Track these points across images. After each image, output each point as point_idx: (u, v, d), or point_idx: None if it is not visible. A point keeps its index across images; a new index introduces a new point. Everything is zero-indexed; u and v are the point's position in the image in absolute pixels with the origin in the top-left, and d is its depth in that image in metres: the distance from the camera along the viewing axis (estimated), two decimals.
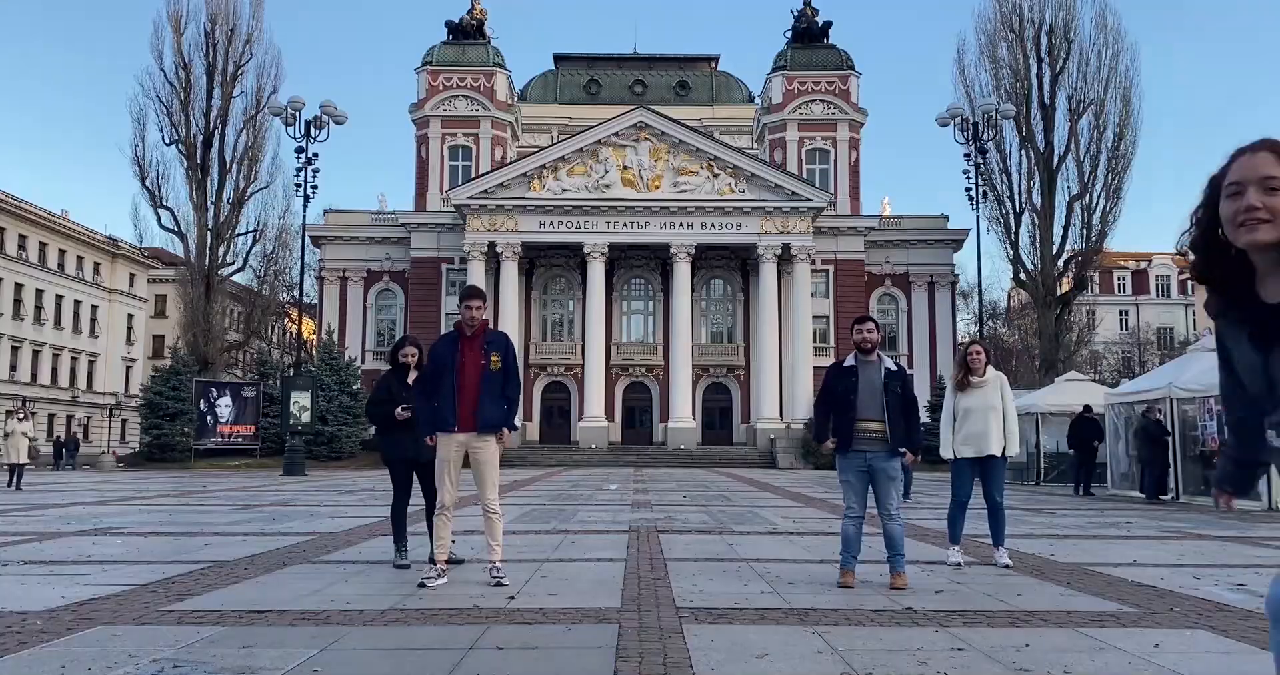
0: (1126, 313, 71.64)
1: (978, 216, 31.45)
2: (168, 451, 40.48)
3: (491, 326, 6.67)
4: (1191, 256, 2.09)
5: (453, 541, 7.33)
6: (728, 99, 67.23)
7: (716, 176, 48.94)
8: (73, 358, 59.32)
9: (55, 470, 38.99)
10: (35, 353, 55.45)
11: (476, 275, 47.12)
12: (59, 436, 49.83)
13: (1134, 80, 40.00)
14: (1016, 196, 39.96)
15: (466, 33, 56.05)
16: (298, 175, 31.23)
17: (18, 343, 53.77)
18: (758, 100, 61.23)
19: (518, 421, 48.26)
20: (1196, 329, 57.05)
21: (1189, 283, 69.24)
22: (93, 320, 61.41)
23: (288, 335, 63.92)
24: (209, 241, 43.71)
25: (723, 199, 48.28)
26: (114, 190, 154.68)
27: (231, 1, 44.81)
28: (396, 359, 7.37)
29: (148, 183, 44.15)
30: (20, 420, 20.17)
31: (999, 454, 7.32)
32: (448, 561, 6.55)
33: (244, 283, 52.26)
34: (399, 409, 7.06)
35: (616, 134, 49.18)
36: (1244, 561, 7.90)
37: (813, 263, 48.47)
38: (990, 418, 7.21)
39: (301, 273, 35.69)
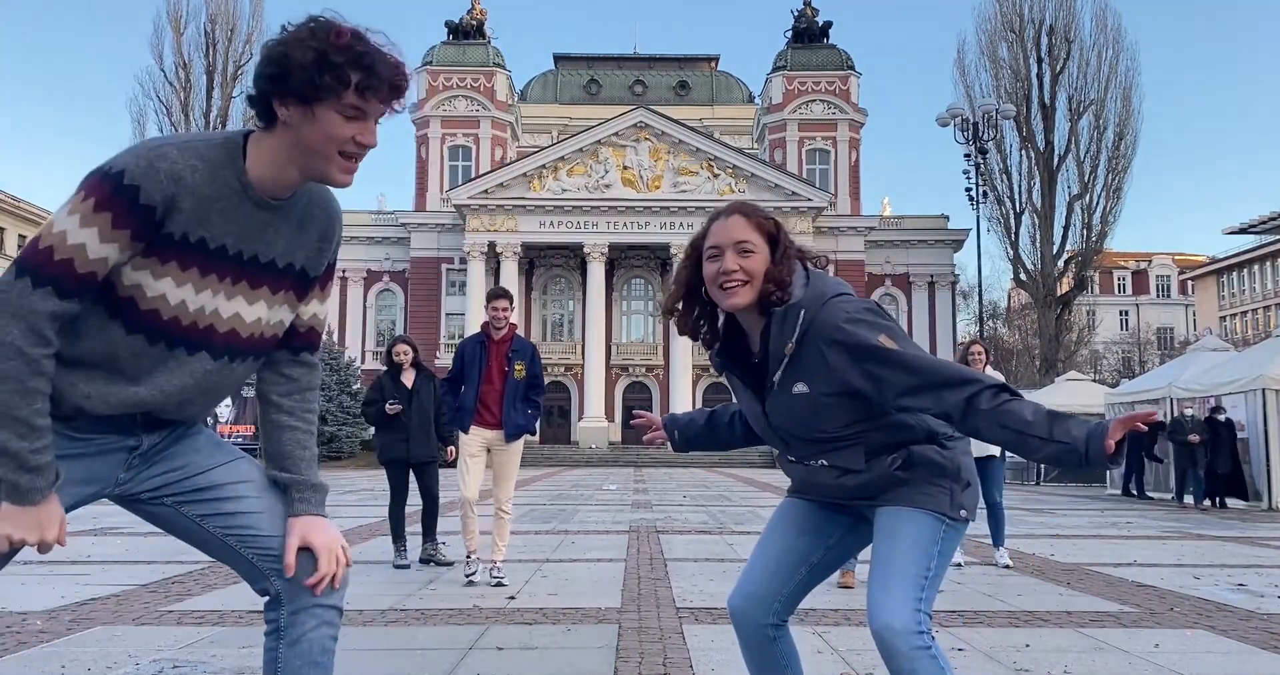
0: (1126, 313, 71.64)
1: (978, 216, 31.41)
2: None
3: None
4: (672, 317, 2.23)
5: (444, 543, 7.35)
6: (728, 99, 67.24)
7: (716, 176, 48.96)
8: None
9: None
10: None
11: (476, 275, 47.15)
12: None
13: (1134, 80, 40.08)
14: (1016, 196, 39.99)
15: (466, 33, 56.06)
16: None
17: None
18: (758, 100, 61.26)
19: None
20: (1196, 329, 57.09)
21: (1189, 283, 69.28)
22: None
23: None
24: None
25: (723, 199, 48.09)
26: None
27: (231, 1, 44.86)
28: (391, 358, 7.41)
29: None
30: None
31: (998, 454, 7.32)
32: (436, 563, 6.57)
33: None
34: (388, 404, 7.08)
35: (616, 134, 49.20)
36: (1244, 561, 7.90)
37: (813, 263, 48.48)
38: None
39: None
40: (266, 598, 1.87)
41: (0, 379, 1.57)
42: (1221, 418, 15.60)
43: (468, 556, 6.29)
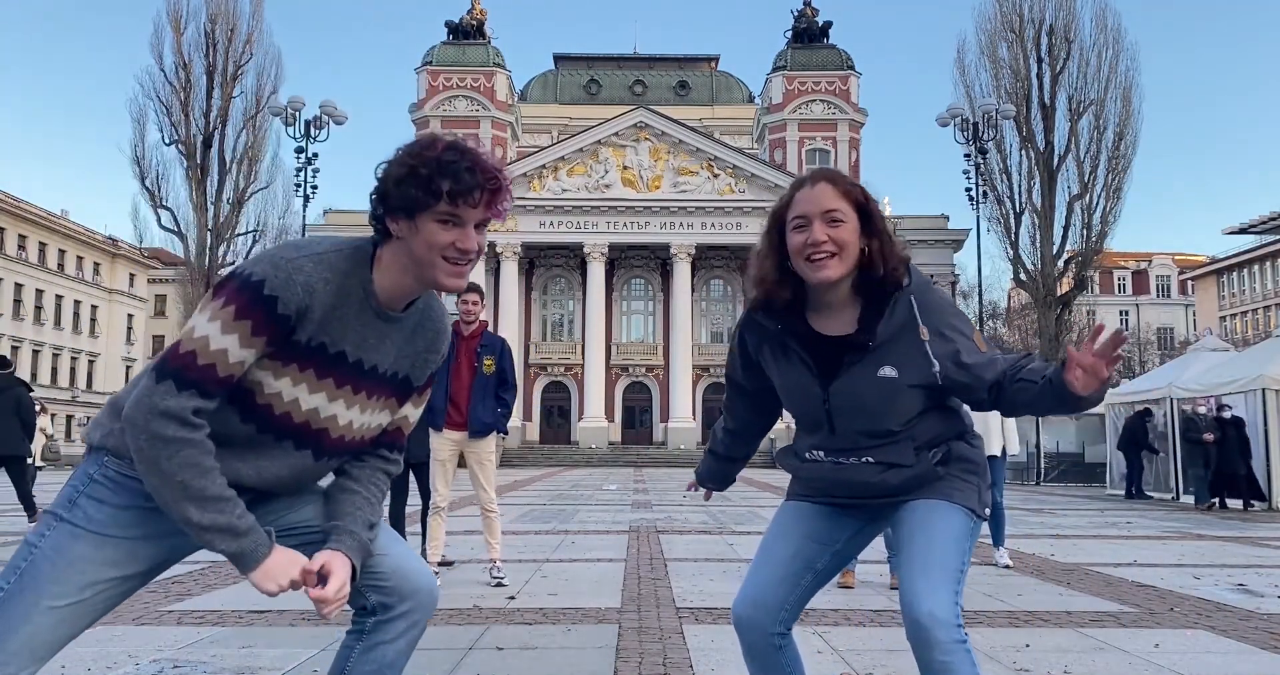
0: (1126, 313, 71.61)
1: (978, 216, 31.44)
2: None
3: (491, 327, 6.64)
4: (755, 288, 2.15)
5: (445, 543, 7.32)
6: (728, 99, 67.25)
7: (716, 176, 48.94)
8: (73, 358, 59.31)
9: None
10: (35, 352, 55.45)
11: (476, 275, 47.06)
12: None
13: (1134, 80, 39.93)
14: (1016, 196, 39.85)
15: (466, 33, 56.08)
16: (298, 175, 31.17)
17: (18, 343, 53.76)
18: (758, 100, 61.27)
19: (518, 422, 48.47)
20: (1196, 329, 57.08)
21: (1189, 283, 69.27)
22: (93, 320, 61.40)
23: None
24: (209, 241, 43.60)
25: (723, 199, 48.28)
26: (114, 190, 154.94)
27: (231, 1, 44.75)
28: None
29: (147, 183, 44.01)
30: (36, 413, 19.91)
31: (999, 454, 7.32)
32: (440, 563, 6.54)
33: None
34: None
35: (616, 134, 49.22)
36: (1244, 561, 7.90)
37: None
38: (990, 418, 7.21)
39: None
40: (360, 608, 1.98)
41: (182, 468, 1.69)
42: (1227, 415, 15.08)
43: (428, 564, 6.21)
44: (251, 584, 1.75)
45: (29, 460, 11.44)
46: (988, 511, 2.12)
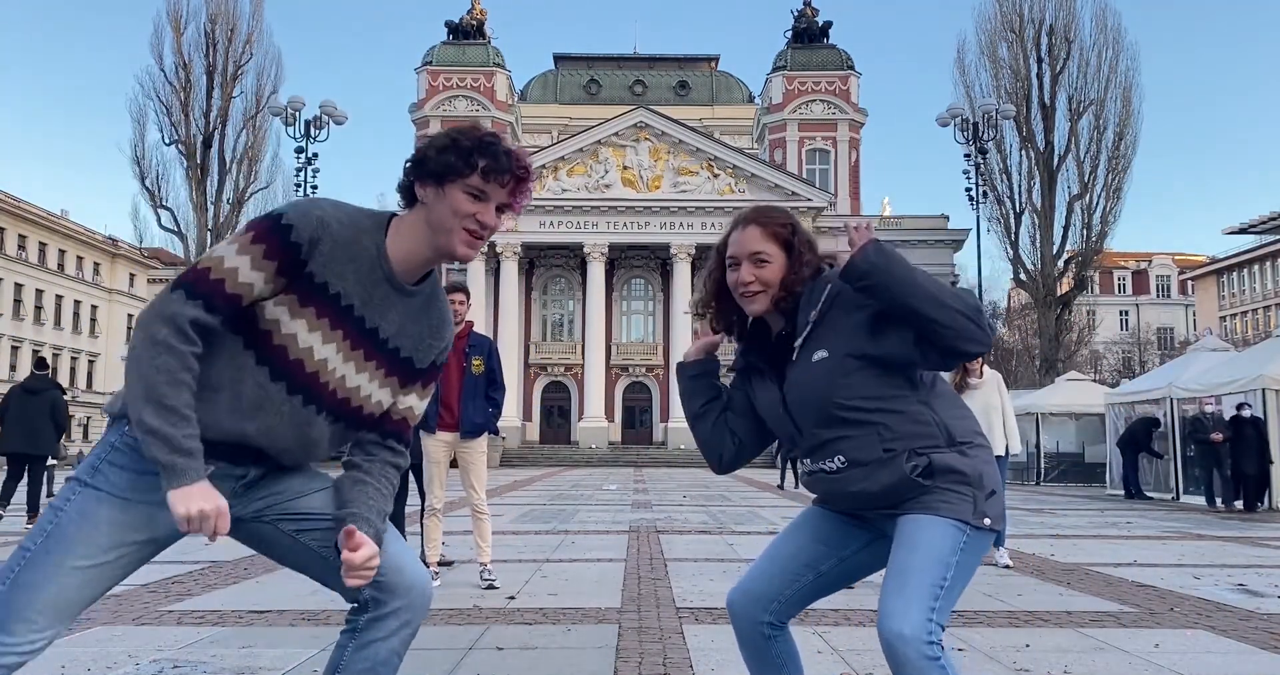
0: (1126, 313, 71.63)
1: (978, 216, 31.41)
2: None
3: (491, 327, 6.63)
4: (696, 314, 2.32)
5: (445, 543, 7.33)
6: (728, 99, 67.24)
7: (716, 176, 48.93)
8: (73, 358, 59.30)
9: None
10: (35, 352, 55.46)
11: (476, 275, 47.13)
12: None
13: (1134, 80, 39.92)
14: (1016, 196, 39.86)
15: (466, 33, 56.08)
16: (298, 175, 31.14)
17: (18, 343, 53.79)
18: (758, 100, 61.27)
19: (518, 422, 48.47)
20: (1196, 329, 57.07)
21: (1189, 283, 69.27)
22: (93, 320, 61.40)
23: None
24: (209, 242, 43.59)
25: (723, 199, 48.26)
26: (114, 190, 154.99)
27: (231, 1, 44.75)
28: None
29: (147, 183, 44.04)
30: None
31: (1002, 454, 7.33)
32: (439, 563, 6.54)
33: None
34: None
35: (616, 134, 49.21)
36: (1244, 561, 7.90)
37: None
38: (991, 418, 7.22)
39: None
40: (355, 604, 2.02)
41: (156, 370, 1.77)
42: (1246, 414, 14.60)
43: (422, 562, 6.18)
44: (168, 503, 1.76)
45: (53, 462, 11.52)
46: (988, 521, 2.06)
